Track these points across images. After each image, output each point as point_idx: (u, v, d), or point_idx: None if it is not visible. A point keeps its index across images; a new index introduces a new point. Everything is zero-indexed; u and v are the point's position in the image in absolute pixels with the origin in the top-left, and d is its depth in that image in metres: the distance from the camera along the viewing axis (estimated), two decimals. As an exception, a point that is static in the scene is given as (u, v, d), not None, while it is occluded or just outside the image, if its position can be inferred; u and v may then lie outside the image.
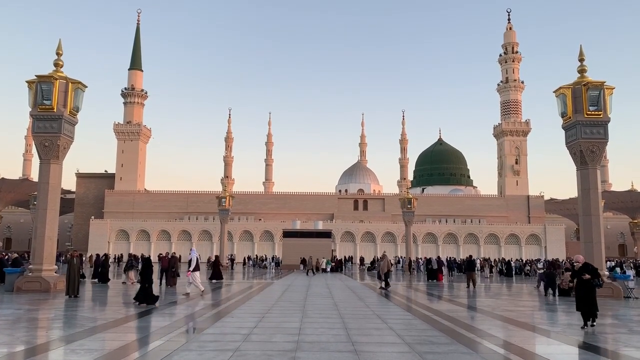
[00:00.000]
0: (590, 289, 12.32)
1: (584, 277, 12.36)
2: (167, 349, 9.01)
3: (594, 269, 12.67)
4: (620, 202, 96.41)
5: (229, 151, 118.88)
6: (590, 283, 12.32)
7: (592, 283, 12.33)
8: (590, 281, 12.32)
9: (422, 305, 18.12)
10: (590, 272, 12.45)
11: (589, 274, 12.37)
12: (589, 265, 12.81)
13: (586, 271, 12.46)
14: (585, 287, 12.35)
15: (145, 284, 16.73)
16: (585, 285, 12.34)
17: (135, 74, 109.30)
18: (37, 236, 21.91)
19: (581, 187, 22.69)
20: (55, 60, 22.89)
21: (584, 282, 12.35)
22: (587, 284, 12.32)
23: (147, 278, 16.89)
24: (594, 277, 12.41)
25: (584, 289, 12.34)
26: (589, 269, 12.55)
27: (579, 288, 12.48)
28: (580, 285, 12.44)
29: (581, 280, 12.40)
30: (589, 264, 13.19)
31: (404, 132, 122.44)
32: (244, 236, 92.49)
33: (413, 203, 52.69)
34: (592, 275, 12.39)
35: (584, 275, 12.39)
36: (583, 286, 12.36)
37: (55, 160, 22.05)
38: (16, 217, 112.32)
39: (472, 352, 9.10)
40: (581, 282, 12.41)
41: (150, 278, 17.06)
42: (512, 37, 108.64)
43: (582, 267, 12.69)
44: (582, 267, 12.67)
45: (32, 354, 8.74)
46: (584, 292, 12.30)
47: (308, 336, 10.60)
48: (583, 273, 12.46)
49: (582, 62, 23.40)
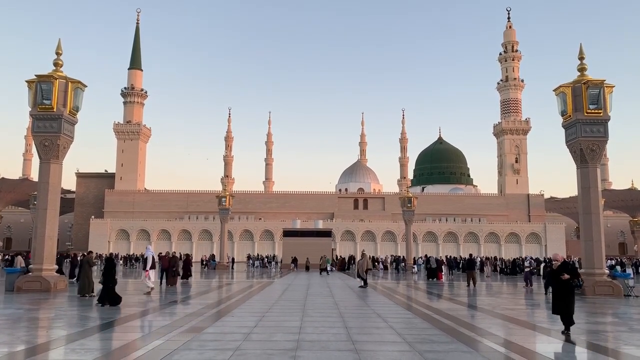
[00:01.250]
0: (569, 290, 11.34)
1: (563, 277, 11.37)
2: (168, 348, 9.01)
3: (573, 268, 11.79)
4: (620, 201, 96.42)
5: (229, 150, 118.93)
6: (569, 284, 11.35)
7: (571, 284, 11.38)
8: (569, 282, 11.34)
9: (422, 304, 18.12)
10: (570, 271, 11.47)
11: (568, 274, 11.38)
12: (568, 264, 11.88)
13: (565, 270, 11.45)
14: (563, 288, 11.37)
15: (109, 284, 16.00)
16: (564, 286, 11.37)
17: (135, 74, 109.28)
18: (37, 236, 21.91)
19: (581, 186, 22.68)
20: (54, 60, 22.87)
21: (562, 283, 11.37)
22: (566, 284, 11.34)
23: (111, 278, 16.17)
24: (573, 277, 11.48)
25: (562, 290, 11.38)
26: (567, 268, 11.58)
27: (557, 289, 11.55)
28: (559, 286, 11.49)
29: (559, 281, 11.43)
30: (568, 262, 12.24)
31: (404, 131, 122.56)
32: (244, 235, 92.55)
33: (413, 202, 52.68)
34: (572, 275, 11.43)
35: (562, 276, 11.40)
36: (561, 287, 11.40)
37: (55, 160, 22.04)
38: (16, 217, 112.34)
39: (473, 351, 9.10)
40: (559, 282, 11.44)
41: (114, 278, 16.35)
42: (512, 36, 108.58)
43: (560, 266, 11.63)
44: (560, 266, 11.62)
45: (32, 353, 8.74)
46: (563, 294, 11.32)
47: (308, 335, 10.61)
48: (562, 273, 11.45)
49: (582, 60, 23.40)
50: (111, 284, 16.07)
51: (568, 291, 11.27)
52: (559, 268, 11.55)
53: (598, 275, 21.87)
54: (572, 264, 11.97)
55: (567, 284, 11.27)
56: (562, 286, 11.32)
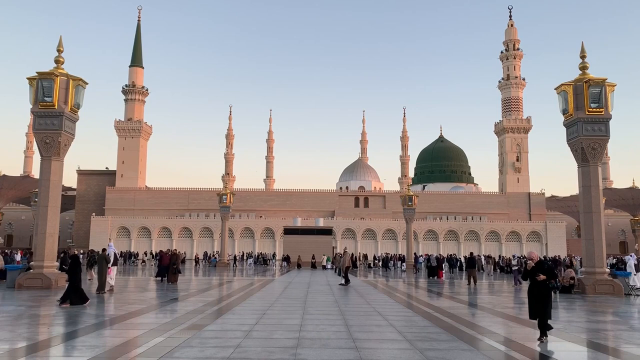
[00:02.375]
0: (545, 292, 10.31)
1: (538, 277, 10.29)
2: (169, 345, 9.02)
3: (549, 269, 10.68)
4: (621, 200, 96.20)
5: (230, 148, 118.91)
6: (545, 285, 10.31)
7: (547, 285, 10.34)
8: (545, 283, 10.29)
9: (423, 302, 18.13)
10: (546, 271, 10.41)
11: (544, 274, 10.31)
12: (544, 264, 10.75)
13: (540, 271, 10.37)
14: (538, 291, 10.30)
15: (75, 282, 15.57)
16: (539, 288, 10.30)
17: (136, 71, 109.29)
18: (39, 233, 21.94)
19: (582, 185, 22.67)
20: (56, 57, 22.87)
21: (537, 284, 10.31)
22: (542, 286, 10.29)
23: (77, 276, 15.74)
24: (549, 278, 10.42)
25: (538, 292, 10.30)
26: (543, 268, 10.51)
27: (532, 291, 10.44)
28: (534, 287, 10.40)
29: (535, 282, 10.37)
30: (544, 261, 10.99)
31: (405, 129, 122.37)
32: (244, 233, 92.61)
33: (414, 200, 52.67)
34: (548, 276, 10.37)
35: (537, 276, 10.31)
36: (536, 289, 10.32)
37: (56, 157, 22.05)
38: (17, 214, 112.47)
39: (473, 349, 9.11)
40: (534, 283, 10.38)
41: (80, 276, 15.92)
42: (514, 34, 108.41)
43: (535, 265, 10.52)
44: (535, 266, 10.51)
45: (33, 350, 8.76)
46: (539, 296, 10.26)
47: (309, 333, 10.62)
48: (537, 273, 10.37)
49: (583, 59, 23.36)
50: (77, 283, 15.57)
51: (544, 293, 10.29)
52: (533, 268, 10.50)
53: (599, 274, 21.87)
54: (548, 264, 10.83)
55: (543, 285, 10.29)
56: (538, 288, 10.31)
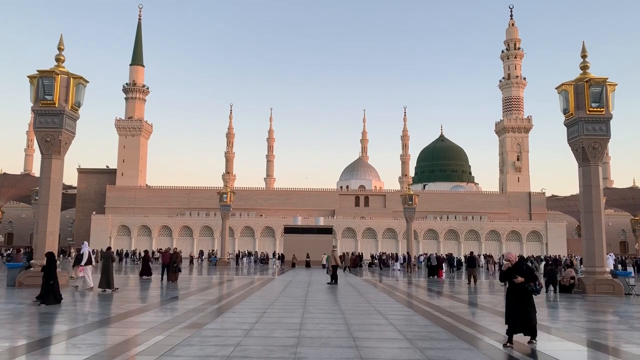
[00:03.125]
0: (524, 296, 9.46)
1: (516, 280, 9.47)
2: (169, 343, 9.03)
3: (529, 270, 9.73)
4: (621, 199, 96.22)
5: (230, 147, 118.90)
6: (524, 288, 9.46)
7: (526, 288, 9.46)
8: (524, 285, 9.45)
9: (423, 302, 18.14)
10: (525, 273, 9.53)
11: (523, 276, 9.46)
12: (523, 264, 9.83)
13: (518, 272, 9.53)
14: (517, 294, 9.49)
15: (50, 281, 15.26)
16: (518, 292, 9.49)
17: (136, 70, 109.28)
18: (39, 231, 21.94)
19: (583, 184, 22.66)
20: (56, 56, 22.84)
21: (515, 287, 9.53)
22: (520, 289, 9.49)
23: (52, 275, 15.42)
24: (528, 279, 9.50)
25: (515, 295, 9.51)
26: (522, 269, 9.62)
27: (509, 295, 9.68)
28: (512, 290, 9.61)
29: (513, 285, 9.58)
30: (524, 262, 10.14)
31: (406, 129, 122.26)
32: (245, 232, 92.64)
33: (414, 199, 52.68)
34: (527, 278, 9.49)
35: (515, 278, 9.49)
36: (515, 292, 9.53)
37: (56, 155, 22.04)
38: (18, 212, 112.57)
39: (473, 348, 9.11)
40: (512, 286, 9.59)
41: (55, 275, 15.62)
42: (515, 34, 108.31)
43: (513, 266, 9.68)
44: (512, 268, 9.67)
45: (33, 348, 8.77)
46: (516, 300, 9.45)
47: (309, 331, 10.62)
48: (514, 275, 9.54)
49: (584, 58, 23.33)
50: (52, 281, 15.29)
51: (523, 297, 9.43)
52: (510, 270, 9.67)
53: (599, 274, 21.87)
54: (527, 265, 9.96)
55: (521, 288, 9.46)
56: (516, 292, 9.51)
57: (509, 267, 9.71)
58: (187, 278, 30.03)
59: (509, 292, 9.72)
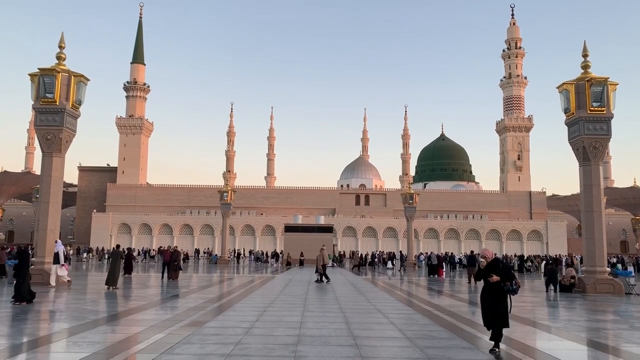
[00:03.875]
0: (499, 296, 8.81)
1: (491, 279, 8.79)
2: (169, 342, 9.04)
3: (505, 268, 9.06)
4: (622, 199, 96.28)
5: (231, 145, 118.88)
6: (499, 288, 8.80)
7: (502, 287, 8.79)
8: (499, 285, 8.78)
9: (423, 300, 18.14)
10: (501, 272, 8.86)
11: (499, 275, 8.79)
12: (500, 263, 9.14)
13: (494, 271, 8.85)
14: (492, 294, 8.84)
15: (20, 279, 14.88)
16: (493, 291, 8.84)
17: (137, 68, 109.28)
18: (40, 229, 21.96)
19: (583, 184, 22.64)
20: (57, 54, 22.84)
21: (491, 287, 8.86)
22: (496, 289, 8.82)
23: (25, 273, 15.09)
24: (504, 279, 8.79)
25: (491, 295, 8.86)
26: (498, 267, 8.93)
27: (484, 295, 9.01)
28: (487, 290, 8.95)
29: (488, 285, 8.90)
30: (500, 260, 9.48)
31: (406, 128, 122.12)
32: (245, 230, 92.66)
33: (415, 198, 52.69)
34: (503, 277, 8.80)
35: (490, 277, 8.81)
36: (490, 292, 8.88)
37: (57, 153, 22.05)
38: (19, 210, 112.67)
39: (473, 347, 9.11)
40: (488, 286, 8.92)
41: (27, 273, 15.31)
42: (516, 33, 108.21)
43: (489, 265, 9.00)
44: (488, 266, 8.99)
45: (34, 346, 8.78)
46: (491, 301, 8.82)
47: (309, 330, 10.63)
48: (490, 274, 8.85)
49: (585, 57, 23.29)
50: (21, 280, 14.91)
51: (498, 297, 8.80)
52: (486, 268, 8.98)
53: (599, 273, 21.87)
54: (503, 263, 9.36)
55: (497, 288, 8.80)
56: (491, 291, 8.85)
57: (486, 265, 9.03)
58: (188, 276, 30.06)
59: (484, 292, 9.04)
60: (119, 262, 20.74)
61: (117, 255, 21.42)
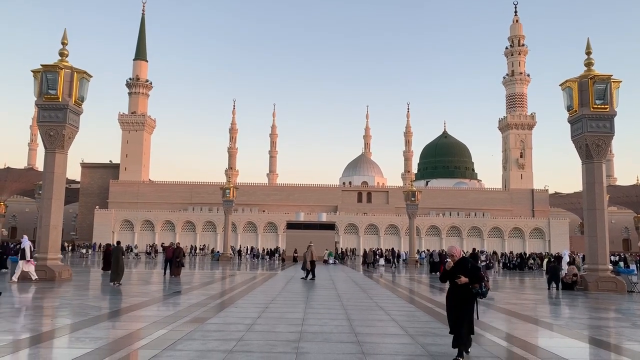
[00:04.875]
0: (465, 299, 7.86)
1: (458, 281, 7.81)
2: (171, 338, 9.06)
3: (473, 269, 7.96)
4: (625, 197, 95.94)
5: (233, 142, 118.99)
6: (467, 290, 7.84)
7: (469, 290, 7.84)
8: (467, 287, 7.82)
9: (425, 298, 18.16)
10: (469, 273, 7.85)
11: (467, 276, 7.81)
12: (467, 262, 8.03)
13: (462, 271, 7.86)
14: (459, 297, 7.88)
15: None
16: (460, 294, 7.88)
17: (140, 65, 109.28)
18: (42, 225, 22.02)
19: (586, 181, 22.61)
20: (60, 50, 22.87)
21: (458, 289, 7.90)
22: (463, 291, 7.86)
23: None
24: (472, 281, 7.83)
25: (456, 297, 7.90)
26: (466, 268, 7.90)
27: (450, 297, 8.06)
28: (453, 292, 7.98)
29: (455, 286, 7.92)
30: (468, 259, 8.18)
31: (409, 125, 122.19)
32: (247, 227, 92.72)
33: (417, 196, 52.68)
34: (471, 279, 7.82)
35: (458, 279, 7.82)
36: (456, 295, 7.91)
37: (60, 149, 22.10)
38: (21, 206, 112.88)
39: (475, 345, 9.11)
40: (454, 287, 7.94)
41: None
42: (519, 30, 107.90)
43: (456, 264, 8.01)
44: (455, 266, 8.01)
45: (37, 341, 8.81)
46: (458, 304, 7.88)
47: (311, 327, 10.65)
48: (457, 274, 7.88)
49: (589, 55, 23.22)
50: None
51: (464, 300, 7.84)
52: (452, 268, 8.03)
53: (602, 271, 21.85)
54: (472, 263, 8.08)
55: (464, 290, 7.86)
56: (458, 293, 7.91)
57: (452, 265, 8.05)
58: (190, 273, 30.12)
59: (449, 294, 8.08)
60: (121, 258, 20.88)
61: (118, 251, 21.49)
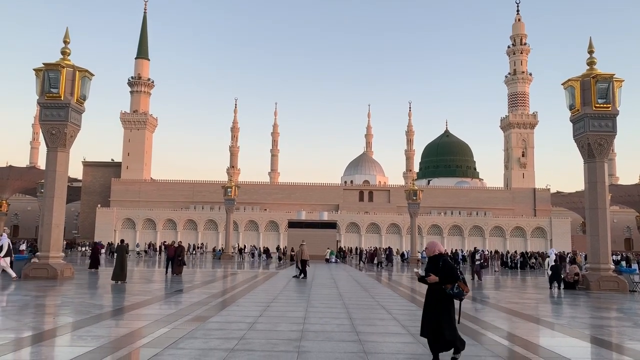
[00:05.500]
0: (440, 299, 7.19)
1: (429, 279, 7.17)
2: (173, 336, 9.07)
3: (448, 268, 7.22)
4: (627, 196, 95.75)
5: (235, 141, 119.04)
6: (440, 291, 7.17)
7: (443, 291, 7.16)
8: (440, 287, 7.15)
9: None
10: (442, 271, 7.18)
11: (439, 275, 7.16)
12: (440, 260, 7.32)
13: (434, 270, 7.23)
14: (435, 296, 7.23)
15: None
16: (434, 294, 7.24)
17: (141, 63, 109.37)
18: (44, 224, 22.05)
19: (588, 181, 22.57)
20: (62, 49, 22.89)
21: (429, 288, 7.31)
22: (437, 291, 7.20)
23: None
24: (445, 281, 7.14)
25: (432, 299, 7.26)
26: (437, 266, 7.25)
27: (427, 298, 7.41)
28: (430, 293, 7.33)
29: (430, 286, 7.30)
30: (442, 257, 7.38)
31: (411, 124, 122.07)
32: (249, 226, 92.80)
33: (418, 195, 52.62)
34: (444, 279, 7.15)
35: (428, 277, 7.18)
36: (431, 296, 7.28)
37: (62, 148, 22.13)
38: (23, 205, 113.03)
39: (476, 344, 9.11)
40: (429, 288, 7.32)
41: None
42: (521, 29, 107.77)
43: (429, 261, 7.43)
44: (428, 263, 7.45)
45: (39, 339, 8.83)
46: (432, 305, 7.24)
47: (312, 325, 10.65)
48: (428, 273, 7.25)
49: (591, 54, 23.18)
50: None
51: (439, 300, 7.18)
52: (426, 266, 7.44)
53: (604, 271, 21.82)
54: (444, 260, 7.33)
55: (438, 290, 7.19)
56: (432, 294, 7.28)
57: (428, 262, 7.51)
58: (192, 271, 30.15)
59: (426, 296, 7.45)
60: (125, 257, 20.96)
61: (122, 249, 21.57)
